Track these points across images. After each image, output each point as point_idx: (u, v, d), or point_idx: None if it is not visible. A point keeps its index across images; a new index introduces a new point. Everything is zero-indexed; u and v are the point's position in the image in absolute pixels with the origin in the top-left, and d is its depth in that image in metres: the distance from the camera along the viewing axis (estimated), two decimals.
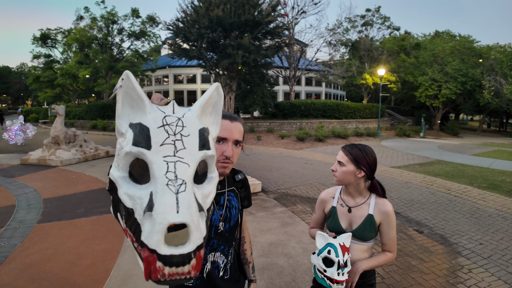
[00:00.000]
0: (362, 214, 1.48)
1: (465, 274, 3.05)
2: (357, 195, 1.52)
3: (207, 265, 1.13)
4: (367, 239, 1.47)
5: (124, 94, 0.59)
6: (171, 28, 13.72)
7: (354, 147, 1.46)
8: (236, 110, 18.88)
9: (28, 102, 56.50)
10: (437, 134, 21.52)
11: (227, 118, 1.09)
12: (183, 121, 0.59)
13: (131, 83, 0.57)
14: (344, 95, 36.22)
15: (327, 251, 1.35)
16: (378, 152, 11.60)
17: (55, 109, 8.19)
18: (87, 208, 4.74)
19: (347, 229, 1.49)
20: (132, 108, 0.59)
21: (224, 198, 1.20)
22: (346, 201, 1.54)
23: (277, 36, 14.57)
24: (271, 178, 7.09)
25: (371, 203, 1.50)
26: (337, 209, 1.55)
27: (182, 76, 26.77)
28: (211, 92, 0.69)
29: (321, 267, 1.35)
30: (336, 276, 1.31)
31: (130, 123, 0.58)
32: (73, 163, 8.19)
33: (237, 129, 1.11)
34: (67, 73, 24.03)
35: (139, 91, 0.58)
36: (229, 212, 1.19)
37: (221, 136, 1.07)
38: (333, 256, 1.33)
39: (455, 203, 5.38)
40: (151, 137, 0.55)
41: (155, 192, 0.51)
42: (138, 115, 0.58)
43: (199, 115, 0.64)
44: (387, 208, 1.47)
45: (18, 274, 2.86)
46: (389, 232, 1.50)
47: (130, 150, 0.54)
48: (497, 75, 19.96)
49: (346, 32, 26.41)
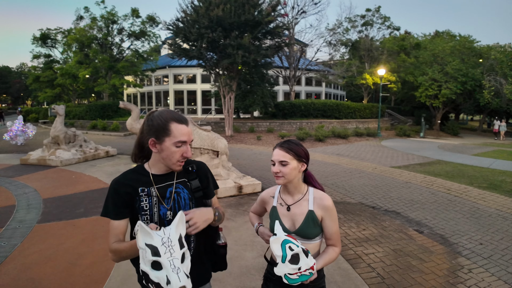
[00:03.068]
0: (302, 212, 1.43)
1: (465, 274, 3.05)
2: (295, 192, 1.47)
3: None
4: (312, 236, 1.42)
5: (142, 232, 1.03)
6: (171, 28, 13.71)
7: (289, 143, 1.44)
8: (236, 110, 18.88)
9: (28, 102, 56.50)
10: (437, 134, 21.52)
11: (183, 123, 1.26)
12: (171, 239, 1.03)
13: (144, 229, 1.02)
14: (344, 95, 36.21)
15: (289, 249, 1.24)
16: (378, 152, 11.60)
17: (55, 109, 8.19)
18: (87, 208, 4.74)
19: (291, 229, 1.43)
20: (145, 236, 1.03)
21: (171, 191, 1.32)
22: (285, 200, 1.49)
23: (277, 36, 14.55)
24: (271, 178, 7.09)
25: (309, 198, 1.45)
26: (277, 209, 1.50)
27: (182, 76, 26.75)
28: (178, 220, 1.09)
29: (295, 269, 1.23)
30: (312, 261, 1.25)
31: (145, 243, 1.01)
32: (73, 163, 8.19)
33: (191, 131, 1.29)
34: (67, 73, 24.01)
35: (149, 230, 1.02)
36: (177, 204, 1.31)
37: (182, 140, 1.24)
38: (296, 248, 1.24)
39: (455, 203, 5.38)
40: (159, 251, 1.00)
41: (168, 275, 0.98)
42: (149, 239, 1.02)
43: (175, 229, 1.07)
44: (327, 203, 1.43)
45: (18, 274, 2.86)
46: (332, 226, 1.44)
47: (151, 258, 0.99)
48: (497, 75, 19.94)
49: (346, 32, 26.42)
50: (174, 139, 1.22)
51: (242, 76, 16.29)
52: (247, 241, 3.60)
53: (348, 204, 5.31)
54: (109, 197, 1.27)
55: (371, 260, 3.31)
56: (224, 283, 2.74)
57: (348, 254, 3.45)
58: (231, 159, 7.99)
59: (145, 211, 1.26)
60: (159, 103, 28.30)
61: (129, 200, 1.26)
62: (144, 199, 1.26)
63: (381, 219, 4.57)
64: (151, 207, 1.27)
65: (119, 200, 1.25)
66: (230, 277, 2.82)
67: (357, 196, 5.78)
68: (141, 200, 1.26)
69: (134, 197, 1.26)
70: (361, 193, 5.95)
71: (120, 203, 1.25)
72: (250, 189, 5.71)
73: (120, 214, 1.26)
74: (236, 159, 9.31)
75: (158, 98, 28.43)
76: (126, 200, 1.25)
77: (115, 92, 31.62)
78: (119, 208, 1.25)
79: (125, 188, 1.26)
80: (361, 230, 4.15)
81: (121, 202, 1.25)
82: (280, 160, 1.41)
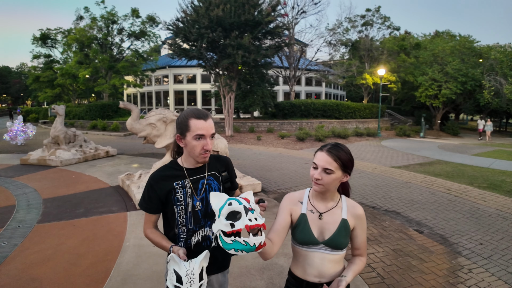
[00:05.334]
0: (335, 220, 1.32)
1: (465, 274, 3.05)
2: (330, 200, 1.36)
3: (193, 239, 1.43)
4: (343, 247, 1.31)
5: (173, 260, 1.22)
6: (171, 28, 13.70)
7: (339, 150, 1.28)
8: (236, 110, 18.87)
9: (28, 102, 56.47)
10: (437, 134, 21.52)
11: (201, 118, 1.35)
12: (194, 272, 1.21)
13: (175, 259, 1.22)
14: (344, 95, 36.19)
15: (228, 205, 1.13)
16: (378, 152, 11.60)
17: (55, 109, 8.19)
18: (87, 208, 4.74)
19: (319, 239, 1.30)
20: (175, 264, 1.22)
21: (203, 183, 1.44)
22: (317, 207, 1.35)
23: (277, 36, 14.54)
24: (271, 178, 7.08)
25: (343, 206, 1.35)
26: (307, 217, 1.33)
27: (182, 76, 26.73)
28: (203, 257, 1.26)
29: (227, 225, 1.09)
30: (249, 222, 1.07)
31: (174, 269, 1.21)
32: (73, 163, 8.19)
33: (211, 125, 1.37)
34: (67, 73, 24.01)
35: (178, 260, 1.22)
36: (208, 194, 1.38)
37: (200, 134, 1.34)
38: (235, 205, 1.11)
39: (455, 203, 5.38)
40: (182, 280, 1.19)
41: None
42: (177, 267, 1.22)
43: (199, 265, 1.23)
44: (360, 212, 1.36)
45: (18, 274, 2.86)
46: (362, 236, 1.37)
47: (175, 283, 1.19)
48: (497, 75, 19.94)
49: (346, 32, 26.41)
50: (193, 133, 1.34)
51: (242, 76, 16.29)
52: None
53: None
54: (145, 191, 1.43)
55: (371, 260, 3.31)
56: None
57: (348, 254, 3.45)
58: (231, 159, 7.98)
59: (180, 201, 1.40)
60: (159, 103, 28.29)
61: (163, 195, 1.39)
62: (179, 191, 1.40)
63: (381, 219, 4.57)
64: (185, 198, 1.40)
65: (153, 195, 1.40)
66: (230, 277, 2.81)
67: (357, 196, 5.78)
68: (176, 192, 1.39)
69: (170, 190, 1.39)
70: (361, 193, 5.95)
71: (154, 198, 1.40)
72: (250, 189, 5.70)
73: (152, 208, 1.42)
74: (236, 159, 9.31)
75: (158, 98, 28.42)
76: (160, 195, 1.39)
77: (115, 92, 31.60)
78: (153, 203, 1.41)
79: (160, 184, 1.40)
80: None
81: (155, 198, 1.40)
82: (325, 167, 1.26)
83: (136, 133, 5.14)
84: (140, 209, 1.44)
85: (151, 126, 5.10)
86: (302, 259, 1.35)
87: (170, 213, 1.42)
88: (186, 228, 1.41)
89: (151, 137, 5.14)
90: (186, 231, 1.41)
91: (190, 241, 1.42)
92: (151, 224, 1.45)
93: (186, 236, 1.42)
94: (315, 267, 1.32)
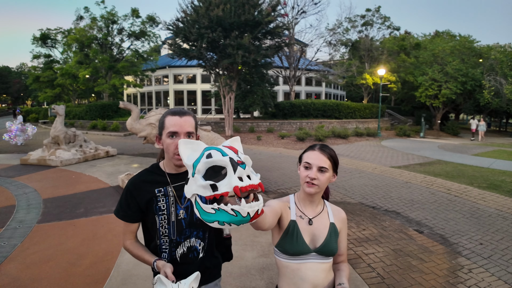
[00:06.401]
0: (324, 225, 1.24)
1: (465, 274, 3.04)
2: (318, 204, 1.28)
3: (178, 251, 1.28)
4: (334, 253, 1.23)
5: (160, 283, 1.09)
6: (171, 28, 13.71)
7: (329, 149, 1.24)
8: (236, 110, 18.87)
9: (28, 102, 56.49)
10: (437, 134, 21.52)
11: (176, 114, 1.21)
12: None
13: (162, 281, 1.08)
14: (344, 95, 36.20)
15: (206, 157, 0.80)
16: (379, 152, 11.60)
17: (55, 109, 8.19)
18: (87, 208, 4.74)
19: (311, 246, 1.21)
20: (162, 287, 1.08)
21: None
22: (305, 212, 1.25)
23: (277, 36, 14.55)
24: (271, 178, 7.08)
25: (328, 210, 1.29)
26: (297, 223, 1.22)
27: (182, 76, 26.74)
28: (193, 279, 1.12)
29: (207, 186, 0.76)
30: (239, 182, 0.74)
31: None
32: (73, 163, 8.19)
33: (188, 122, 1.21)
34: (67, 73, 24.00)
35: (165, 282, 1.08)
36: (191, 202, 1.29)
37: (172, 131, 1.19)
38: (218, 157, 0.79)
39: (455, 203, 5.38)
40: None
41: None
42: None
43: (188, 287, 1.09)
44: (344, 215, 1.31)
45: (18, 274, 2.86)
46: (345, 240, 1.32)
47: None
48: (497, 75, 19.94)
49: (346, 32, 26.42)
50: (167, 130, 1.21)
51: (242, 76, 16.30)
52: (247, 241, 3.60)
53: (348, 204, 5.31)
54: (122, 198, 1.28)
55: (371, 260, 3.31)
56: (224, 283, 2.73)
57: (348, 254, 3.45)
58: None
59: (162, 211, 1.26)
60: (159, 103, 28.29)
61: (143, 202, 1.25)
62: (161, 199, 1.25)
63: (381, 219, 4.57)
64: (168, 207, 1.26)
65: (132, 203, 1.25)
66: (230, 277, 2.82)
67: (357, 196, 5.78)
68: (158, 200, 1.25)
69: (151, 198, 1.25)
70: (361, 193, 5.95)
71: (133, 206, 1.25)
72: None
73: (130, 217, 1.27)
74: None
75: (158, 98, 28.42)
76: (140, 203, 1.25)
77: (115, 92, 31.61)
78: (131, 211, 1.26)
79: (139, 190, 1.25)
80: (361, 230, 4.15)
81: (134, 205, 1.25)
82: (320, 166, 1.18)
83: (136, 133, 5.14)
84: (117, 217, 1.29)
85: (151, 126, 5.11)
86: (293, 275, 1.21)
87: (150, 222, 1.28)
88: (169, 239, 1.28)
89: (151, 137, 5.15)
90: (169, 242, 1.28)
91: (174, 253, 1.28)
92: (130, 235, 1.30)
93: (169, 247, 1.28)
94: (309, 281, 1.20)
